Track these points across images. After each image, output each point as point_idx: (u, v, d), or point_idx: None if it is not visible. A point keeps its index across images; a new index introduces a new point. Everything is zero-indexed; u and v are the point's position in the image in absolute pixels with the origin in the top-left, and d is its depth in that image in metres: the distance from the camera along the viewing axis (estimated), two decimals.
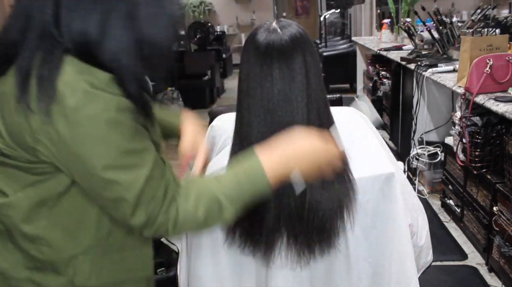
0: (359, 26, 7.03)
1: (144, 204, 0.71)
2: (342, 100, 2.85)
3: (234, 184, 0.78)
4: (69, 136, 0.67)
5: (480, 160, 2.10)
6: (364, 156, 1.02)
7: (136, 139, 0.70)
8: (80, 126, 0.66)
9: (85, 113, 0.65)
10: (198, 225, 0.78)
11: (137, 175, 0.70)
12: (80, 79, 0.66)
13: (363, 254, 1.01)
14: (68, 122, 0.65)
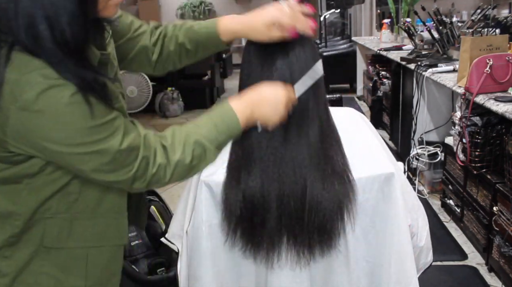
0: (359, 26, 7.03)
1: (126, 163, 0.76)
2: (342, 100, 2.86)
3: (211, 126, 0.85)
4: (35, 126, 0.69)
5: (480, 160, 2.09)
6: (364, 156, 1.02)
7: (100, 114, 0.72)
8: (43, 115, 0.68)
9: (44, 103, 0.67)
10: (189, 169, 0.84)
11: (112, 143, 0.73)
12: (31, 72, 0.67)
13: (363, 254, 1.02)
14: (31, 115, 0.68)
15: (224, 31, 0.96)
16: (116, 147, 0.74)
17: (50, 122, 0.69)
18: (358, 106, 5.33)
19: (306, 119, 0.93)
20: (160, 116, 5.54)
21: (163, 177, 0.81)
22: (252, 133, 0.93)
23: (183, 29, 1.00)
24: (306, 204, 0.92)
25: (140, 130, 0.81)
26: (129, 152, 0.76)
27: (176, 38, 1.00)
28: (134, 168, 0.76)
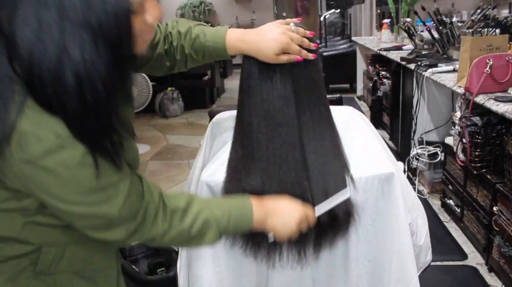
0: (359, 26, 7.03)
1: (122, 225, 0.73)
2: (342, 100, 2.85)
3: (226, 211, 0.83)
4: (36, 180, 0.65)
5: (480, 160, 2.09)
6: (364, 156, 1.02)
7: (106, 175, 0.68)
8: (46, 172, 0.64)
9: (50, 161, 0.63)
10: (188, 241, 0.82)
11: (112, 206, 0.70)
12: (44, 128, 0.62)
13: (364, 253, 1.02)
14: (35, 168, 0.63)
15: (231, 49, 0.96)
16: (115, 210, 0.70)
17: (52, 180, 0.65)
18: (358, 106, 5.33)
19: (306, 120, 0.92)
20: (160, 116, 5.55)
21: (159, 240, 0.78)
22: (252, 133, 0.93)
23: (188, 39, 0.98)
24: (306, 203, 0.92)
25: (145, 191, 0.76)
26: (128, 215, 0.72)
27: (182, 49, 0.98)
28: (129, 230, 0.73)
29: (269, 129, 0.92)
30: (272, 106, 0.91)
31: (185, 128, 5.05)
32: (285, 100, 0.91)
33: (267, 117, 0.92)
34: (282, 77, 0.91)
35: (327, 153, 0.95)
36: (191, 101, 5.81)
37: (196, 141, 4.40)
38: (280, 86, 0.91)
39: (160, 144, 4.45)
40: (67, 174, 0.65)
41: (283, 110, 0.91)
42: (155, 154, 4.16)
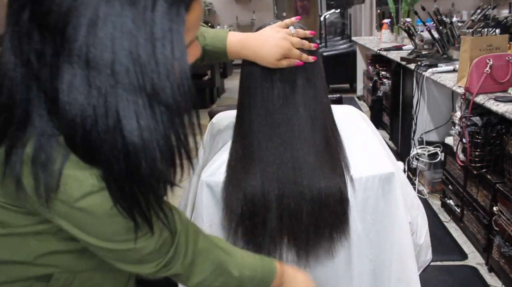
0: (359, 26, 7.03)
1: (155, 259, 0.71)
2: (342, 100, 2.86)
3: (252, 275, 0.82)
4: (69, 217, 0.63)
5: (480, 160, 2.09)
6: (364, 155, 1.02)
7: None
8: (84, 213, 0.61)
9: (88, 203, 0.60)
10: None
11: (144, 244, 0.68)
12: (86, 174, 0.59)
13: (365, 252, 1.02)
14: (71, 209, 0.61)
15: (232, 54, 0.96)
16: (152, 245, 0.68)
17: (85, 219, 0.62)
18: (358, 106, 5.33)
19: (308, 120, 0.92)
20: None
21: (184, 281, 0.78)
22: (252, 132, 0.93)
23: None
24: (307, 203, 0.92)
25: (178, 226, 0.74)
26: (162, 249, 0.71)
27: None
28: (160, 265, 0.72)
29: (269, 129, 0.92)
30: (272, 106, 0.91)
31: None
32: (286, 99, 0.92)
33: (267, 117, 0.92)
34: (282, 76, 0.91)
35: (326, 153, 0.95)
36: None
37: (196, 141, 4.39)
38: (281, 86, 0.91)
39: None
40: (102, 216, 0.62)
41: (283, 110, 0.92)
42: None
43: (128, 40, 0.53)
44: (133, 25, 0.53)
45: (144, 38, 0.53)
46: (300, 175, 0.92)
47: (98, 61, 0.52)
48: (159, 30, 0.54)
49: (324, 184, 0.92)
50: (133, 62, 0.53)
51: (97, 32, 0.52)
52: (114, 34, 0.52)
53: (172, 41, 0.55)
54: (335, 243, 0.97)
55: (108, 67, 0.53)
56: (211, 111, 2.66)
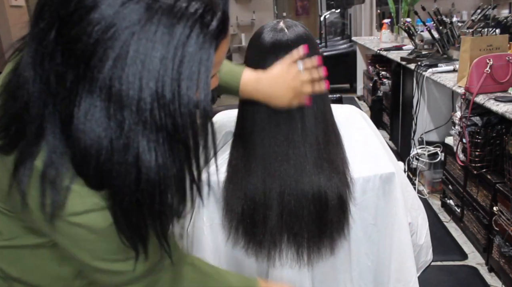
0: (359, 26, 7.03)
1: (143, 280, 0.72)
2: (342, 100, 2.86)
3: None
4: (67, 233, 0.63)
5: (480, 160, 2.10)
6: (365, 155, 1.02)
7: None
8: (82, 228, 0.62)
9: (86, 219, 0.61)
10: None
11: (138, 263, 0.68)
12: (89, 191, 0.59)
13: (365, 252, 1.02)
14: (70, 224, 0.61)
15: (244, 94, 0.95)
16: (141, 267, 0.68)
17: (81, 234, 0.62)
18: (358, 106, 5.33)
19: (310, 119, 0.92)
20: None
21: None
22: (255, 131, 0.93)
23: None
24: (307, 202, 0.92)
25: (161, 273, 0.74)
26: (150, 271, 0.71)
27: None
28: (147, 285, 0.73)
29: (273, 127, 0.92)
30: None
31: None
32: None
33: (271, 115, 0.92)
34: None
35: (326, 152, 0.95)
36: None
37: None
38: None
39: None
40: (98, 233, 0.62)
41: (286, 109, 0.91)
42: None
43: (155, 79, 0.52)
44: (161, 65, 0.52)
45: (171, 78, 0.53)
46: (301, 173, 0.92)
47: (122, 96, 0.52)
48: (187, 71, 0.53)
49: (325, 183, 0.92)
50: (157, 101, 0.53)
51: (124, 68, 0.51)
52: (142, 73, 0.52)
53: (198, 83, 0.54)
54: (335, 242, 0.97)
55: (132, 104, 0.52)
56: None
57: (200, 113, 0.56)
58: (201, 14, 0.54)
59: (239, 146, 0.97)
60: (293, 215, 0.94)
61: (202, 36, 0.54)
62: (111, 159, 0.54)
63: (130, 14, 0.51)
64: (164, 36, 0.52)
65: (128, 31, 0.51)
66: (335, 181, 0.93)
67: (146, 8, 0.52)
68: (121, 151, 0.54)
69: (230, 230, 0.98)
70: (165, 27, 0.52)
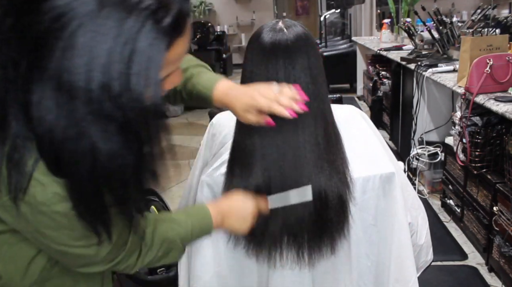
0: (359, 26, 7.03)
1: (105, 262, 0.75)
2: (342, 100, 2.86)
3: (189, 227, 0.87)
4: (32, 220, 0.64)
5: (480, 160, 2.10)
6: (365, 155, 1.02)
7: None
8: (44, 216, 0.63)
9: (50, 209, 0.62)
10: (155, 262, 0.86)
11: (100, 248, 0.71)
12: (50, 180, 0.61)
13: (366, 252, 1.02)
14: (32, 210, 0.63)
15: (217, 101, 0.95)
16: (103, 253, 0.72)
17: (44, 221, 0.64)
18: (358, 106, 5.33)
19: (310, 119, 0.92)
20: None
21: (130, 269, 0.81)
22: (254, 132, 0.93)
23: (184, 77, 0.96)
24: (308, 202, 0.92)
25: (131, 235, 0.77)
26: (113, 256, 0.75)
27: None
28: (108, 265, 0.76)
29: (272, 127, 0.92)
30: None
31: (185, 128, 5.05)
32: None
33: (270, 116, 0.92)
34: (286, 75, 0.91)
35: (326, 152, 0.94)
36: None
37: (196, 141, 4.40)
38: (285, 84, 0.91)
39: None
40: (64, 221, 0.64)
41: None
42: None
43: (103, 72, 0.52)
44: (108, 58, 0.52)
45: (119, 72, 0.53)
46: (301, 173, 0.92)
47: (71, 87, 0.53)
48: (136, 66, 0.54)
49: (325, 183, 0.92)
50: (106, 94, 0.53)
51: (72, 59, 0.52)
52: (90, 64, 0.52)
53: (147, 79, 0.55)
54: (335, 242, 0.97)
55: (82, 94, 0.53)
56: (211, 111, 2.66)
57: (150, 109, 0.57)
58: (153, 10, 0.54)
59: (239, 146, 0.96)
60: (293, 215, 0.94)
61: (153, 32, 0.54)
62: (64, 147, 0.55)
63: (81, 6, 0.52)
64: (113, 29, 0.52)
65: (77, 22, 0.51)
66: (335, 181, 0.93)
67: (99, 1, 0.52)
68: (75, 139, 0.55)
69: None
70: (115, 20, 0.52)
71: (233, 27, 9.58)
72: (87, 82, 0.52)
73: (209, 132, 1.21)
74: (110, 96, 0.54)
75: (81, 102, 0.53)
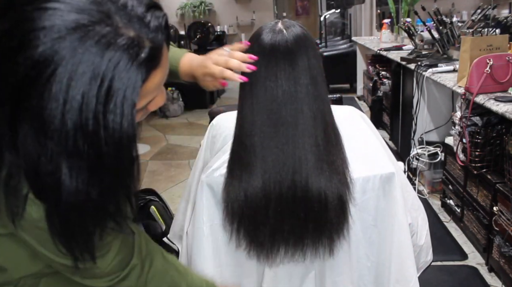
0: (359, 26, 7.03)
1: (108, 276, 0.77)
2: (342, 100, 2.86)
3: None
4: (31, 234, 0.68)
5: (480, 160, 2.10)
6: (364, 155, 1.02)
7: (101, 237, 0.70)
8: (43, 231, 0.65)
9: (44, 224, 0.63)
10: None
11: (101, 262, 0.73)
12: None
13: (365, 252, 1.02)
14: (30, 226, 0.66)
15: (183, 74, 1.02)
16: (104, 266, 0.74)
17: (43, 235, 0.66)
18: (358, 106, 5.33)
19: (309, 119, 0.92)
20: (160, 116, 5.55)
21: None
22: (255, 132, 0.93)
23: None
24: (307, 203, 0.92)
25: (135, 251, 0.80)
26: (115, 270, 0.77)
27: None
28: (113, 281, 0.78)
29: (273, 128, 0.92)
30: (277, 105, 0.91)
31: (185, 128, 5.05)
32: (290, 98, 0.91)
33: (271, 116, 0.92)
34: (286, 75, 0.91)
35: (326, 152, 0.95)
36: (191, 101, 5.81)
37: (196, 141, 4.41)
38: (285, 84, 0.91)
39: (160, 144, 4.45)
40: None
41: (287, 108, 0.91)
42: (155, 154, 4.16)
43: (78, 114, 0.55)
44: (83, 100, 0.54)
45: (95, 112, 0.55)
46: (301, 174, 0.92)
47: (46, 128, 0.55)
48: (112, 104, 0.55)
49: (325, 184, 0.92)
50: (81, 133, 0.55)
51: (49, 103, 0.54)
52: (65, 108, 0.54)
53: (122, 116, 0.56)
54: (335, 242, 0.97)
55: (55, 135, 0.55)
56: (211, 111, 2.66)
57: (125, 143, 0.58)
58: (128, 46, 0.56)
59: (239, 147, 0.96)
60: (293, 216, 0.94)
61: (128, 70, 0.56)
62: (40, 180, 0.58)
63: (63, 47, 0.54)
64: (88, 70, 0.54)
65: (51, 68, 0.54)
66: (335, 182, 0.93)
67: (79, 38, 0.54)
68: (48, 175, 0.58)
69: (231, 231, 0.98)
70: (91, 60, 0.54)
71: (233, 27, 9.58)
72: (62, 125, 0.55)
73: (209, 133, 1.21)
74: (84, 135, 0.56)
75: (55, 142, 0.56)
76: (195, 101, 5.85)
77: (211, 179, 1.02)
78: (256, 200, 0.94)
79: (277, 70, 0.91)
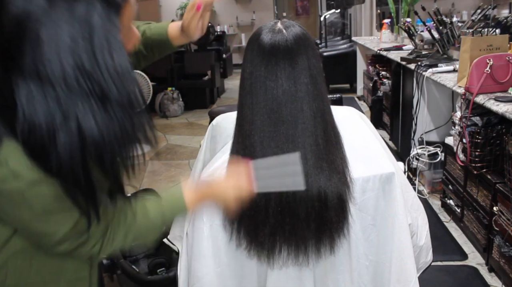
0: (359, 26, 7.04)
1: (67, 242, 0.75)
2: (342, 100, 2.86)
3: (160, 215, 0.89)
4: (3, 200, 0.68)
5: (480, 160, 2.10)
6: (364, 156, 1.02)
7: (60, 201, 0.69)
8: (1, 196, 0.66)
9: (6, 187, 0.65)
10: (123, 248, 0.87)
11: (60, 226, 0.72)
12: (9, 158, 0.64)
13: (364, 252, 1.02)
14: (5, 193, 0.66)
15: (173, 39, 1.08)
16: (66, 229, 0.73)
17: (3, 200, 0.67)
18: (358, 106, 5.33)
19: (309, 119, 0.92)
20: (160, 116, 5.55)
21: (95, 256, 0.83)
22: (255, 132, 0.93)
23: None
24: (307, 203, 0.92)
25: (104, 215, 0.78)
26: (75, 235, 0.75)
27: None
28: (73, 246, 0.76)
29: (273, 127, 0.92)
30: (277, 104, 0.91)
31: (185, 128, 5.05)
32: (290, 97, 0.91)
33: (271, 115, 0.92)
34: (286, 74, 0.91)
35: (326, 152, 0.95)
36: (191, 101, 5.82)
37: (196, 141, 4.41)
38: (285, 84, 0.91)
39: (160, 144, 4.46)
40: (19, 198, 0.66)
41: (287, 108, 0.91)
42: (155, 154, 4.16)
43: (71, 55, 0.60)
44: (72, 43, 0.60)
45: (85, 51, 0.61)
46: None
47: (49, 76, 0.60)
48: (97, 42, 0.62)
49: (325, 183, 0.92)
50: (80, 73, 0.61)
51: (42, 52, 0.60)
52: (58, 52, 0.60)
53: (110, 49, 0.63)
54: (335, 242, 0.97)
55: (59, 80, 0.60)
56: (211, 111, 2.66)
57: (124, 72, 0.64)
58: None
59: (240, 147, 0.96)
60: (293, 216, 0.94)
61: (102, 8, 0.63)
62: (59, 131, 0.61)
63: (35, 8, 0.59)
64: (67, 17, 0.60)
65: (36, 20, 0.59)
66: (335, 181, 0.93)
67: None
68: (63, 123, 0.61)
69: (231, 231, 0.98)
70: (66, 10, 0.60)
71: (233, 27, 9.58)
72: (61, 68, 0.60)
73: (209, 134, 1.21)
74: (84, 74, 0.61)
75: (62, 87, 0.61)
76: (195, 101, 5.85)
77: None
78: (256, 199, 0.94)
79: (277, 69, 0.91)
